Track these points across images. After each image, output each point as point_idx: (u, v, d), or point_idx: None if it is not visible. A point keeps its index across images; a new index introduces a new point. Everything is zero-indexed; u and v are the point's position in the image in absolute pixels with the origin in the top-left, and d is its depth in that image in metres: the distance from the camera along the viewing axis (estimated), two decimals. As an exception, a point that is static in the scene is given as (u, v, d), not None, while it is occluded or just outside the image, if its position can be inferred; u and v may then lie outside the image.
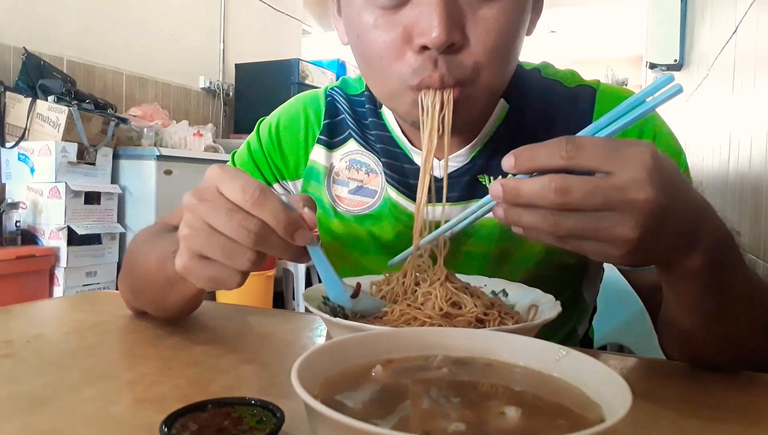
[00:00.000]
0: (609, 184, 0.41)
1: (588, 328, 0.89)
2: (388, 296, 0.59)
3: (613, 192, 0.41)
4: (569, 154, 0.41)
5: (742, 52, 1.46)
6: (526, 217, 0.44)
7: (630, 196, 0.40)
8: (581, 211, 0.42)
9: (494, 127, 0.70)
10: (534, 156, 0.43)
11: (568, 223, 0.42)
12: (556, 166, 0.42)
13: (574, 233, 0.42)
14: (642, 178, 0.40)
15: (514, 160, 0.44)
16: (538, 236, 0.45)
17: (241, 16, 4.51)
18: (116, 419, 0.44)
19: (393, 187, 0.73)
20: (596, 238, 0.42)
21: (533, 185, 0.42)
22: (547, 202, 0.42)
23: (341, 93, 0.80)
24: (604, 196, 0.41)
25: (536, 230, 0.44)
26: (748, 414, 0.48)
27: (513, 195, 0.43)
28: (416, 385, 0.36)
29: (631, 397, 0.29)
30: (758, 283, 0.56)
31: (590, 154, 0.41)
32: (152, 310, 0.70)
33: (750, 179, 1.28)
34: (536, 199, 0.42)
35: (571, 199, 0.41)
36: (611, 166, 0.41)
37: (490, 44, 0.58)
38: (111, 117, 2.83)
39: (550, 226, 0.43)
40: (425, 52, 0.57)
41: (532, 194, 0.42)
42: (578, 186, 0.41)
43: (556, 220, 0.42)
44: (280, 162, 0.79)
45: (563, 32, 7.17)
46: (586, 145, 0.42)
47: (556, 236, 0.43)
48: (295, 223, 0.46)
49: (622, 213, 0.41)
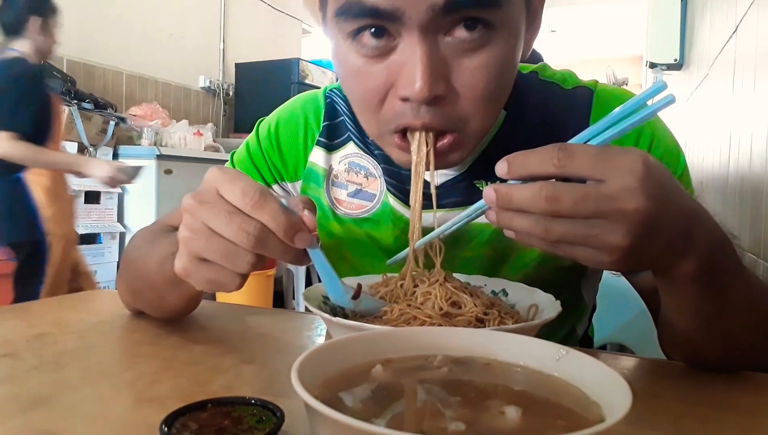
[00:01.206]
0: (600, 192, 0.41)
1: (588, 327, 0.89)
2: (388, 297, 0.59)
3: (603, 200, 0.41)
4: (561, 161, 0.42)
5: (742, 51, 1.46)
6: (517, 222, 0.44)
7: (620, 205, 0.41)
8: (572, 218, 0.42)
9: (491, 135, 0.70)
10: (526, 163, 0.43)
11: (559, 229, 0.42)
12: (548, 173, 0.42)
13: (564, 239, 0.43)
14: (633, 186, 0.41)
15: (507, 167, 0.44)
16: (530, 241, 0.45)
17: (241, 16, 4.51)
18: (116, 419, 0.44)
19: (391, 192, 0.73)
20: (587, 244, 0.43)
21: (525, 192, 0.42)
22: (538, 209, 0.42)
23: (341, 94, 0.79)
24: (594, 204, 0.41)
25: (528, 235, 0.44)
26: (748, 414, 0.48)
27: (505, 200, 0.44)
28: (416, 384, 0.36)
29: (631, 397, 0.29)
30: (757, 286, 0.56)
31: (582, 161, 0.42)
32: (150, 311, 0.70)
33: (750, 179, 1.28)
34: (527, 206, 0.42)
35: (561, 206, 0.41)
36: (603, 174, 0.41)
37: (477, 94, 0.56)
38: (111, 116, 2.84)
39: (541, 232, 0.43)
40: (408, 102, 0.56)
41: (523, 200, 0.42)
42: (568, 194, 0.41)
43: (548, 227, 0.42)
44: (279, 163, 0.79)
45: (563, 32, 7.17)
46: (578, 152, 0.42)
47: (548, 242, 0.44)
48: (295, 226, 0.46)
49: (612, 221, 0.41)
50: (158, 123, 3.23)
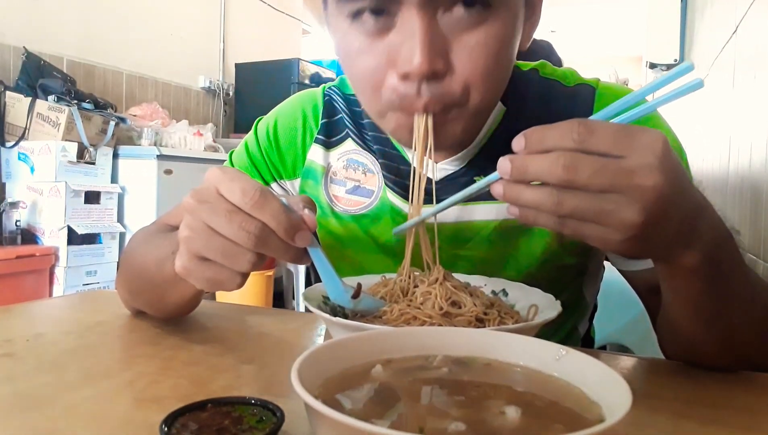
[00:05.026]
0: (619, 166, 0.40)
1: (589, 326, 0.89)
2: (388, 297, 0.59)
3: (622, 174, 0.40)
4: (581, 136, 0.41)
5: (742, 52, 1.46)
6: (527, 195, 0.43)
7: (638, 180, 0.40)
8: (586, 192, 0.41)
9: (491, 131, 0.70)
10: (544, 137, 0.42)
11: (572, 202, 0.41)
12: (567, 148, 0.41)
13: (576, 213, 0.42)
14: (653, 164, 0.40)
15: (525, 141, 0.43)
16: (536, 218, 0.44)
17: (241, 16, 4.51)
18: (116, 418, 0.44)
19: (390, 188, 0.73)
20: (598, 221, 0.42)
21: (542, 161, 0.41)
22: (555, 178, 0.41)
23: (339, 92, 0.80)
24: (612, 177, 0.40)
25: (537, 209, 0.43)
26: (748, 414, 0.48)
27: (521, 170, 0.42)
28: (416, 384, 0.36)
29: (630, 397, 0.29)
30: (759, 285, 0.56)
31: (602, 137, 0.41)
32: (150, 310, 0.70)
33: (750, 179, 1.28)
34: (544, 175, 0.41)
35: (578, 176, 0.40)
36: (622, 150, 0.40)
37: (477, 70, 0.56)
38: (111, 116, 2.83)
39: (552, 204, 0.42)
40: (408, 79, 0.56)
41: (540, 169, 0.41)
42: (588, 164, 0.40)
43: (560, 199, 0.41)
44: (278, 161, 0.79)
45: (563, 32, 7.17)
46: (598, 128, 0.41)
47: (557, 216, 0.42)
48: (295, 224, 0.46)
49: (628, 196, 0.40)
50: (158, 123, 3.22)
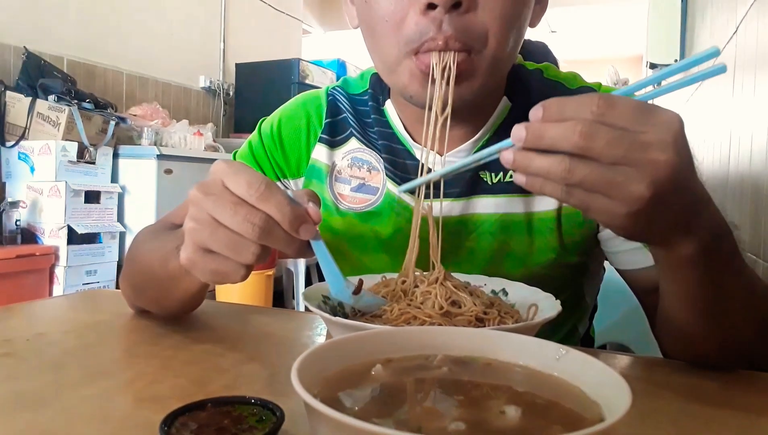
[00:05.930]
0: (634, 138, 0.40)
1: (589, 326, 0.89)
2: (389, 296, 0.59)
3: (636, 146, 0.40)
4: (600, 109, 0.41)
5: (742, 52, 1.46)
6: (537, 162, 0.43)
7: (652, 154, 0.40)
8: (598, 162, 0.41)
9: (496, 124, 0.71)
10: (563, 108, 0.42)
11: (583, 170, 0.41)
12: (586, 119, 0.41)
13: (585, 183, 0.41)
14: (668, 141, 0.40)
15: (543, 111, 0.43)
16: (543, 186, 0.44)
17: (241, 15, 4.51)
18: (116, 418, 0.44)
19: (394, 182, 0.74)
20: (606, 192, 0.42)
21: (558, 127, 0.41)
22: (570, 145, 0.41)
23: (343, 92, 0.80)
24: (627, 148, 0.40)
25: (546, 177, 0.43)
26: (748, 414, 0.48)
27: (536, 136, 0.42)
28: (416, 384, 0.36)
29: (630, 397, 0.29)
30: (754, 278, 0.56)
31: (621, 111, 0.41)
32: (154, 308, 0.70)
33: (750, 179, 1.28)
34: (559, 141, 0.41)
35: (594, 144, 0.40)
36: (640, 126, 0.41)
37: (498, 10, 0.58)
38: (111, 116, 2.83)
39: (562, 171, 0.41)
40: (430, 13, 0.57)
41: (556, 135, 0.41)
42: (603, 133, 0.40)
43: (571, 166, 0.41)
44: (282, 160, 0.80)
45: (563, 32, 7.17)
46: (618, 103, 0.41)
47: (566, 184, 0.42)
48: (300, 217, 0.47)
49: (639, 170, 0.40)
50: (158, 123, 3.22)
